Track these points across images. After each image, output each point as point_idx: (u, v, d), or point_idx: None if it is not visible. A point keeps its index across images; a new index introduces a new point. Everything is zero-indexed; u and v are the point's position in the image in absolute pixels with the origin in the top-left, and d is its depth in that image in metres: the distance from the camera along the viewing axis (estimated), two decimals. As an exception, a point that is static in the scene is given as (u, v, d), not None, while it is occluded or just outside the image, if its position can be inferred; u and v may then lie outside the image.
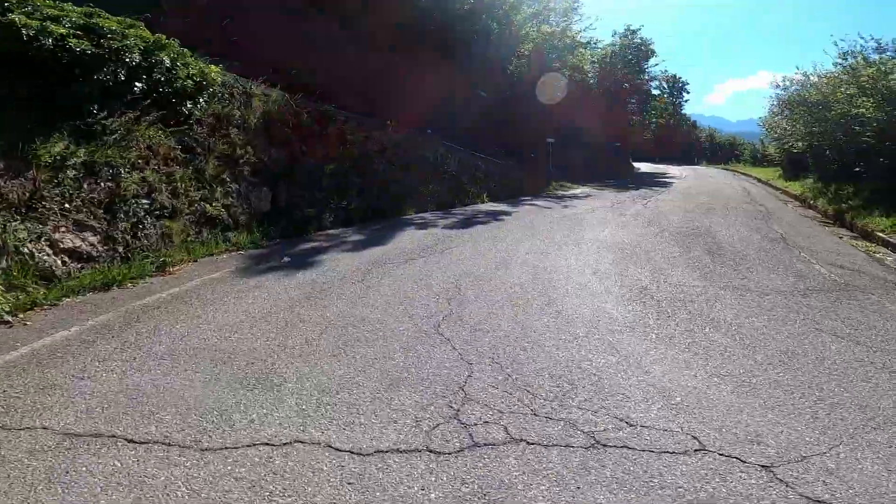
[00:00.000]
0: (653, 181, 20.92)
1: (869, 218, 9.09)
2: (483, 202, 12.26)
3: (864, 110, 9.21)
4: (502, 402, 2.63)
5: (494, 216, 9.80)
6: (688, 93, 42.40)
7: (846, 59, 11.03)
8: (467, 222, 8.89)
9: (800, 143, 15.79)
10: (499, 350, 3.28)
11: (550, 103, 22.66)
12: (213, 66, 6.45)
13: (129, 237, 4.78)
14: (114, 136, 4.91)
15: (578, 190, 16.62)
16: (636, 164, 33.57)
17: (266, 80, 7.44)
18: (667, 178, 22.86)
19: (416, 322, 3.71)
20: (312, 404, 2.56)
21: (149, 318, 3.70)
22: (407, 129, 10.92)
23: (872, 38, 11.33)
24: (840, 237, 8.66)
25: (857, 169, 10.04)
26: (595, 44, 26.49)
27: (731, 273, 5.59)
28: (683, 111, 51.20)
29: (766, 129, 22.63)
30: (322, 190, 7.77)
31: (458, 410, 2.54)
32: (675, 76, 41.03)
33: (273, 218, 6.73)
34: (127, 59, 4.97)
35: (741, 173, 24.55)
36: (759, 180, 19.88)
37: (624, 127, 30.31)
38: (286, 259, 5.56)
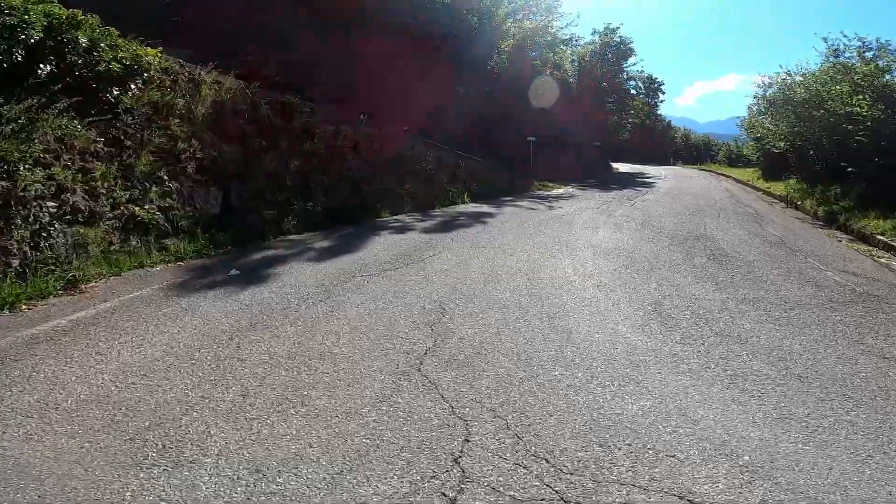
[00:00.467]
0: (634, 182, 20.67)
1: (865, 220, 8.81)
2: (464, 203, 11.55)
3: (858, 108, 8.92)
4: (515, 483, 1.89)
5: (478, 218, 9.08)
6: (663, 93, 42.84)
7: (837, 56, 10.83)
8: (449, 225, 8.14)
9: (781, 143, 15.71)
10: (500, 397, 2.54)
11: (531, 102, 22.21)
12: (149, 49, 5.52)
13: (27, 247, 3.82)
14: (10, 126, 3.95)
15: (562, 190, 16.12)
16: (614, 165, 33.59)
17: (218, 65, 6.50)
18: (647, 178, 22.69)
19: (391, 358, 2.93)
20: (239, 496, 1.75)
21: (31, 354, 2.80)
22: (382, 124, 10.10)
23: (857, 37, 11.20)
24: (838, 240, 8.33)
25: (850, 169, 9.78)
26: (577, 41, 26.24)
27: (744, 283, 5.04)
28: (659, 112, 51.92)
29: (746, 129, 22.80)
30: (284, 190, 6.87)
31: (455, 500, 1.78)
32: (650, 76, 41.31)
33: (224, 222, 5.81)
34: (22, 37, 4.04)
35: (719, 174, 24.69)
36: (739, 181, 19.90)
37: (603, 127, 30.20)
38: (234, 272, 4.68)
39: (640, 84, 39.20)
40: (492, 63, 20.61)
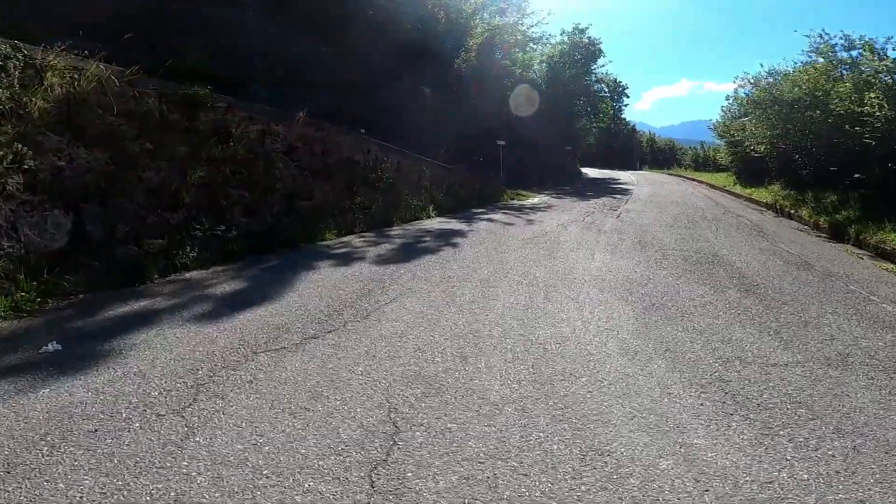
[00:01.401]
0: (609, 188, 19.79)
1: (882, 233, 7.90)
2: (429, 217, 10.01)
3: (868, 107, 8.04)
4: None
5: (446, 239, 7.56)
6: (627, 97, 42.78)
7: (835, 53, 10.05)
8: (409, 251, 6.56)
9: (761, 147, 15.12)
10: None
11: (500, 103, 21.01)
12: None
13: None
14: None
15: (536, 199, 14.85)
16: (584, 170, 33.04)
17: (72, 46, 4.62)
18: (621, 184, 21.92)
19: None
20: None
21: None
22: (328, 124, 8.41)
23: (842, 34, 10.52)
24: (859, 257, 7.35)
25: (856, 175, 8.92)
26: (548, 38, 25.35)
27: (806, 331, 3.79)
28: (623, 115, 52.40)
29: (718, 133, 22.48)
30: (180, 209, 5.10)
31: None
32: (615, 80, 41.21)
33: (76, 259, 4.00)
34: None
35: (690, 178, 24.32)
36: (714, 186, 19.37)
37: (573, 130, 29.51)
38: (52, 346, 2.94)
39: (605, 87, 39.12)
40: (458, 62, 19.30)
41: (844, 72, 9.75)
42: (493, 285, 4.83)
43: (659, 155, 47.86)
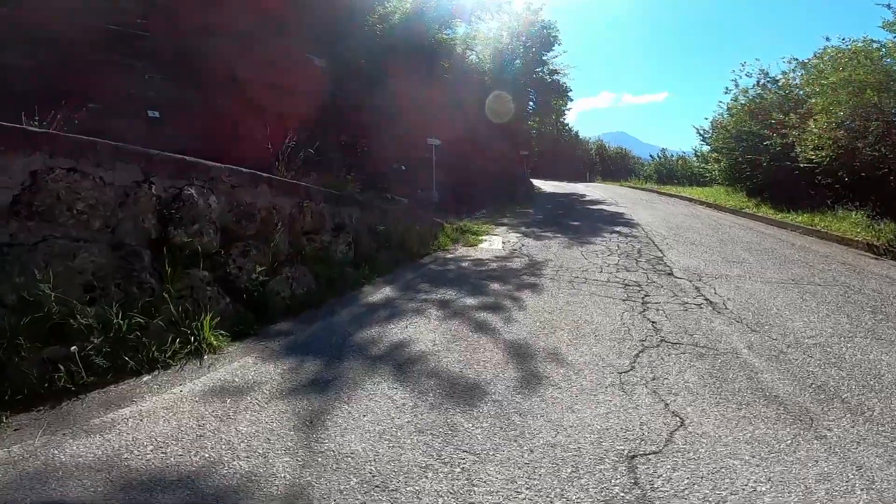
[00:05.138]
0: (592, 213, 14.75)
1: None
2: (274, 324, 4.09)
3: None
4: None
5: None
6: (571, 100, 39.24)
7: None
8: None
9: (820, 153, 10.84)
10: None
11: (434, 92, 15.45)
12: None
13: None
14: None
15: (497, 241, 9.27)
16: (535, 182, 28.53)
17: None
18: (598, 205, 17.10)
19: None
20: None
21: None
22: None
23: None
24: None
25: None
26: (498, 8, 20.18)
27: None
28: (565, 120, 49.29)
29: (711, 140, 18.60)
30: None
31: None
32: (557, 80, 37.44)
33: None
34: None
35: (672, 195, 20.31)
36: (721, 207, 15.15)
37: (525, 134, 24.87)
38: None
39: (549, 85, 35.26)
40: (370, 25, 13.49)
41: None
42: None
43: (610, 164, 45.02)
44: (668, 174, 30.72)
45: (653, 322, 4.62)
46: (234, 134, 8.28)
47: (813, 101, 10.90)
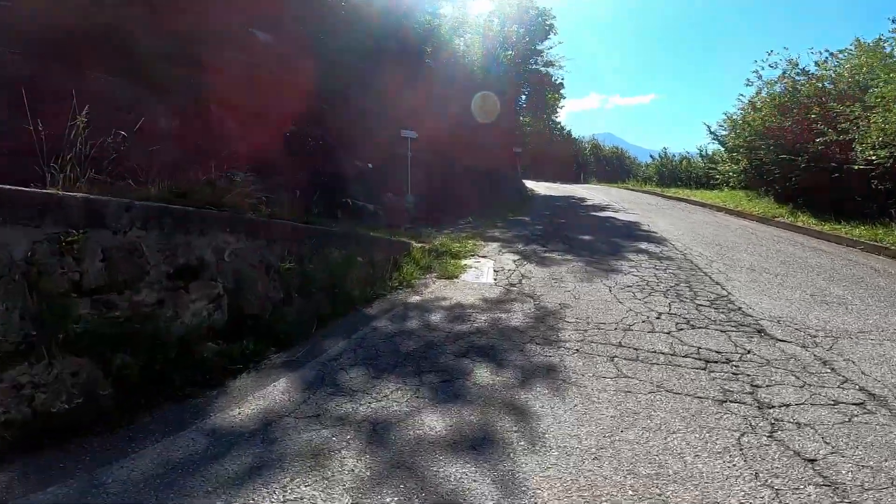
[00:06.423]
0: (604, 225, 12.50)
1: None
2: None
3: None
4: None
5: None
6: (564, 97, 37.17)
7: None
8: None
9: (881, 153, 8.92)
10: None
11: (414, 81, 13.27)
12: None
13: None
14: None
15: (486, 268, 7.10)
16: (527, 183, 26.46)
17: None
18: (609, 212, 15.00)
19: None
20: None
21: None
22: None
23: None
24: None
25: None
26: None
27: None
28: (557, 119, 47.30)
29: (730, 137, 16.69)
30: None
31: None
32: (549, 76, 35.44)
33: None
34: None
35: (683, 199, 18.33)
36: (742, 213, 13.19)
37: (517, 131, 22.79)
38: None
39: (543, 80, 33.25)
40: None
41: None
42: None
43: (605, 165, 43.12)
44: (671, 176, 28.87)
45: (811, 461, 2.48)
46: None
47: (878, 90, 8.91)
